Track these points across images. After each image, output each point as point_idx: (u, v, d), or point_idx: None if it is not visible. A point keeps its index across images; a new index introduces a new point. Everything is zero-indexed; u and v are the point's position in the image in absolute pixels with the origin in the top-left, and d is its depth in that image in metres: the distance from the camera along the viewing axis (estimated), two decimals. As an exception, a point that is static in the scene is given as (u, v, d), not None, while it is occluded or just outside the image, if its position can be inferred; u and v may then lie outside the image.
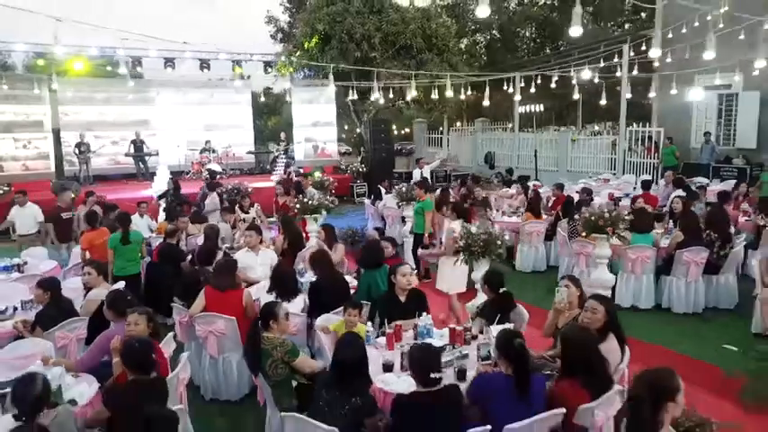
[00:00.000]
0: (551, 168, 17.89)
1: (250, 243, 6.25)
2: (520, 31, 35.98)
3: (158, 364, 3.36)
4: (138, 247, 6.74)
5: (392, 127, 19.19)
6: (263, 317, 3.74)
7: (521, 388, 2.88)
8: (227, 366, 4.69)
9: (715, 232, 6.49)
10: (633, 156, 15.75)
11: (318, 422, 2.81)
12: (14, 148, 14.92)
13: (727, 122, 14.84)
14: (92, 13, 18.13)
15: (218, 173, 14.20)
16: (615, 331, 3.50)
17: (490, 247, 4.85)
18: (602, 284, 5.86)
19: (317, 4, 18.01)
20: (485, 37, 36.12)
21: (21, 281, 6.30)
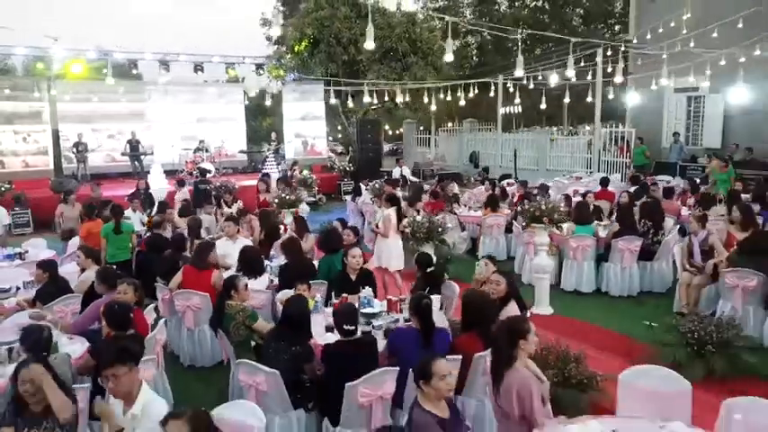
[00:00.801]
0: (532, 167, 18.60)
1: (229, 232, 6.95)
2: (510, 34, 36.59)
3: (138, 324, 4.07)
4: (129, 237, 7.44)
5: (380, 127, 19.83)
6: (227, 287, 4.45)
7: (425, 339, 3.59)
8: (201, 336, 5.40)
9: (649, 221, 7.20)
10: (607, 155, 16.48)
11: (263, 365, 3.52)
12: (14, 142, 15.57)
13: (695, 124, 15.57)
14: (90, 15, 18.77)
15: (208, 171, 14.86)
16: (516, 299, 4.21)
17: (432, 234, 5.56)
18: (542, 269, 6.57)
19: (307, 9, 18.73)
20: (476, 39, 36.87)
21: (22, 266, 7.01)
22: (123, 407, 2.84)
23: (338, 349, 3.53)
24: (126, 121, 17.84)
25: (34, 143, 15.86)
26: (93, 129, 17.34)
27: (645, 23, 15.97)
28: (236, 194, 9.95)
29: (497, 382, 3.03)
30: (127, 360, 2.88)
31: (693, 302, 6.12)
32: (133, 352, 3.06)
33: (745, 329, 5.42)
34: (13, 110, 15.65)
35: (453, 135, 24.91)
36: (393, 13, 19.49)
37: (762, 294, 5.42)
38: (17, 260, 7.48)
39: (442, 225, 5.75)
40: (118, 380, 2.78)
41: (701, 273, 6.19)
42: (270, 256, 6.42)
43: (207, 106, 19.50)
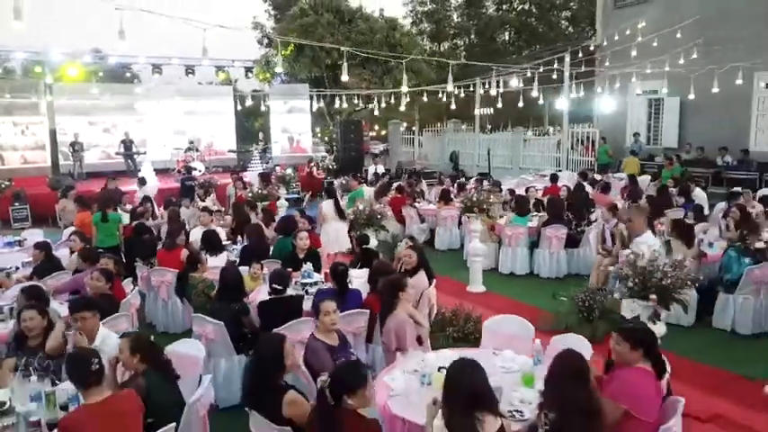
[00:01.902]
0: (506, 166, 19.55)
1: (203, 222, 7.93)
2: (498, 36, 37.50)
3: (115, 290, 5.03)
4: (116, 226, 8.41)
5: (362, 128, 20.77)
6: (191, 262, 5.42)
7: (340, 296, 4.55)
8: (174, 307, 6.35)
9: (572, 213, 8.17)
10: (575, 154, 17.45)
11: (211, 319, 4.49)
12: (13, 134, 16.50)
13: (655, 125, 16.54)
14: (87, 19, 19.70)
15: (194, 168, 15.83)
16: (425, 269, 5.18)
17: (372, 220, 6.53)
18: (476, 253, 7.53)
19: (292, 15, 19.70)
20: (464, 41, 37.84)
21: (21, 251, 8.03)
22: (87, 342, 3.78)
23: (269, 304, 4.49)
24: (120, 115, 18.71)
25: (32, 135, 16.74)
26: (90, 122, 18.28)
27: (611, 28, 16.93)
28: (207, 189, 10.97)
29: (382, 324, 3.99)
30: (91, 308, 3.85)
31: (603, 281, 7.07)
32: (98, 303, 4.03)
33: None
34: (12, 103, 16.59)
35: (437, 135, 25.86)
36: (376, 19, 20.44)
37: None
38: (17, 247, 8.46)
39: (381, 213, 6.68)
40: (84, 321, 3.75)
41: (610, 255, 7.15)
42: (237, 241, 7.37)
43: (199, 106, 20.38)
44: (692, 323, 6.13)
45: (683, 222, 6.54)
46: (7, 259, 7.40)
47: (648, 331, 3.11)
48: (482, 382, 2.59)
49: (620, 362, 2.98)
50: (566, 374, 2.68)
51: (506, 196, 9.96)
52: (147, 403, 3.02)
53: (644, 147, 16.09)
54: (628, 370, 2.91)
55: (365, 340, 4.63)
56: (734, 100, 14.14)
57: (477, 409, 2.52)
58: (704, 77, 13.45)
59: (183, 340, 4.19)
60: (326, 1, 19.75)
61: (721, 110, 14.50)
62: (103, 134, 18.87)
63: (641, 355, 2.91)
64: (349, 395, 2.60)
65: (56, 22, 34.68)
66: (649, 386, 2.85)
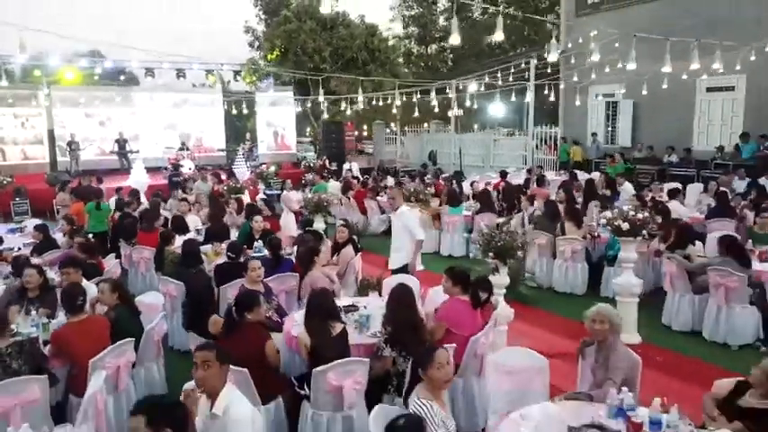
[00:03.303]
0: (479, 164, 20.77)
1: (181, 210, 9.14)
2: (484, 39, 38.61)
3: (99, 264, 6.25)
4: (107, 214, 9.64)
5: (343, 128, 21.97)
6: (165, 239, 6.63)
7: (275, 263, 5.75)
8: (151, 279, 7.54)
9: (505, 203, 9.39)
10: (539, 153, 18.68)
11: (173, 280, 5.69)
12: (14, 127, 17.69)
13: (612, 125, 17.75)
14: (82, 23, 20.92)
15: (180, 166, 17.08)
16: (352, 244, 6.38)
17: (319, 207, 7.75)
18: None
19: (278, 22, 20.92)
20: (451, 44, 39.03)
21: (22, 236, 9.26)
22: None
23: (223, 266, 5.71)
24: (115, 107, 20.00)
25: (32, 129, 17.90)
26: (87, 114, 19.49)
27: (573, 35, 18.12)
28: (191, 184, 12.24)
29: (301, 280, 5.21)
30: (75, 266, 5.07)
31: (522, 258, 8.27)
32: (79, 263, 5.25)
33: (539, 274, 7.64)
34: (13, 94, 17.87)
35: (417, 135, 27.08)
36: (357, 25, 21.65)
37: (548, 250, 7.59)
38: (18, 233, 9.71)
39: (327, 201, 7.90)
40: (69, 276, 4.95)
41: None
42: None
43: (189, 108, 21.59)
44: (584, 292, 7.36)
45: (574, 208, 7.76)
46: (10, 242, 8.64)
47: (465, 273, 4.32)
48: (332, 303, 3.84)
49: (447, 294, 4.21)
50: (397, 300, 3.90)
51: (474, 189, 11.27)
52: (116, 328, 4.23)
53: (601, 146, 17.30)
54: (450, 300, 4.14)
55: (297, 298, 5.83)
56: (680, 103, 15.38)
57: (330, 319, 3.76)
58: (654, 82, 14.60)
59: (148, 293, 5.41)
60: (310, 9, 20.96)
61: (669, 112, 15.74)
62: (99, 127, 20.03)
63: (460, 289, 4.13)
64: (248, 312, 3.82)
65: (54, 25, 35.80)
66: (464, 311, 4.07)
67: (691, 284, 5.94)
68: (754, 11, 13.48)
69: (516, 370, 3.57)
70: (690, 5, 14.89)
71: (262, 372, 3.77)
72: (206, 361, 2.82)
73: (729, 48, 12.17)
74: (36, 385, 3.54)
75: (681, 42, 14.59)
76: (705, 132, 15.27)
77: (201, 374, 2.80)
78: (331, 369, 3.54)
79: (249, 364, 3.65)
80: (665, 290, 6.28)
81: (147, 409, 2.43)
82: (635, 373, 3.43)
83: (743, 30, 13.00)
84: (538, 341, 5.39)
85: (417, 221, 6.12)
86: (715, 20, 14.03)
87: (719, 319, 5.62)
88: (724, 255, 5.65)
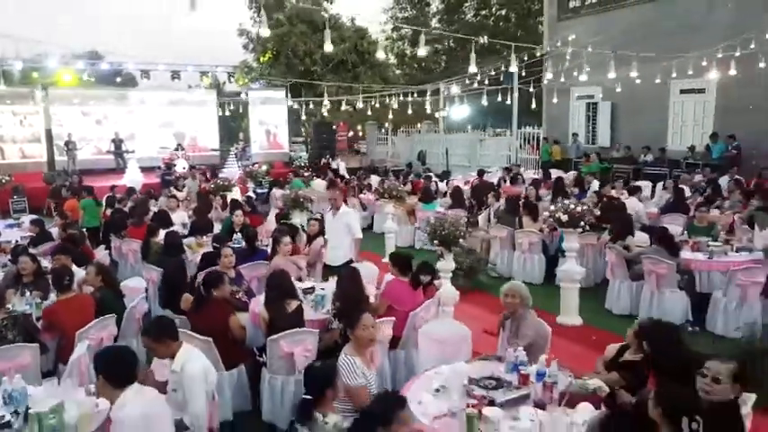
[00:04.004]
0: (465, 164, 21.34)
1: (170, 206, 9.71)
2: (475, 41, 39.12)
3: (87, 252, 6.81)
4: (100, 210, 10.23)
5: (333, 129, 22.55)
6: (150, 232, 7.19)
7: (250, 252, 6.31)
8: (139, 269, 8.09)
9: (474, 199, 9.96)
10: (523, 152, 19.26)
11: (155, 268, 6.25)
12: (12, 125, 18.27)
13: (592, 126, 18.33)
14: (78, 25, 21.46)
15: (174, 166, 17.63)
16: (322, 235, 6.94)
17: (297, 203, 8.31)
18: (388, 230, 9.31)
19: (270, 25, 21.47)
20: (443, 46, 39.58)
21: (19, 231, 9.83)
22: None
23: (208, 255, 6.26)
24: (111, 106, 20.59)
25: (29, 127, 18.47)
26: (84, 112, 20.07)
27: (555, 38, 18.68)
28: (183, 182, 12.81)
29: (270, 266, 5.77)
30: (64, 253, 5.63)
31: (486, 250, 8.84)
32: (69, 250, 5.81)
33: (500, 265, 8.21)
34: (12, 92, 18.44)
35: (408, 136, 27.66)
36: (347, 28, 22.22)
37: (509, 241, 8.15)
38: (16, 227, 10.27)
39: (305, 198, 8.48)
40: (60, 261, 5.51)
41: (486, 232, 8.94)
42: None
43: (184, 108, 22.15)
44: (541, 281, 7.91)
45: (531, 203, 8.33)
46: (8, 235, 9.20)
47: (403, 258, 4.89)
48: (290, 283, 4.40)
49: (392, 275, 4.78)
50: (346, 281, 4.47)
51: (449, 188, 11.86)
52: (101, 306, 4.79)
53: (582, 146, 17.86)
54: (392, 280, 4.71)
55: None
56: (655, 105, 15.95)
57: (286, 297, 4.32)
58: (631, 84, 15.16)
59: (133, 278, 5.98)
60: (301, 12, 21.54)
61: (646, 113, 16.32)
62: (96, 126, 20.57)
63: (399, 271, 4.71)
64: (214, 289, 4.38)
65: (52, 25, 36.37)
66: (404, 290, 4.65)
67: (629, 272, 6.51)
68: (724, 17, 14.03)
69: (443, 339, 4.13)
70: (664, 12, 15.50)
71: (226, 342, 4.35)
72: (147, 345, 3.49)
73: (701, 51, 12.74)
74: (28, 352, 4.10)
75: (655, 46, 15.21)
76: (679, 133, 15.84)
77: (153, 348, 3.44)
78: (283, 338, 4.10)
79: (215, 334, 4.23)
80: (608, 277, 6.85)
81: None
82: (543, 341, 3.99)
83: (713, 35, 13.55)
84: (486, 322, 5.94)
85: (358, 221, 6.52)
86: (687, 25, 14.63)
87: (652, 302, 6.18)
88: (656, 245, 6.21)
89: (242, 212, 7.96)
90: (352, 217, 6.31)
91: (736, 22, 13.42)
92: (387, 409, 2.52)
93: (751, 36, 12.19)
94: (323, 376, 2.89)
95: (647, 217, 9.05)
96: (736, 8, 13.96)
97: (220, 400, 4.30)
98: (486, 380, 3.35)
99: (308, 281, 5.79)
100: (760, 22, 12.43)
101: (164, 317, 3.76)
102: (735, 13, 13.91)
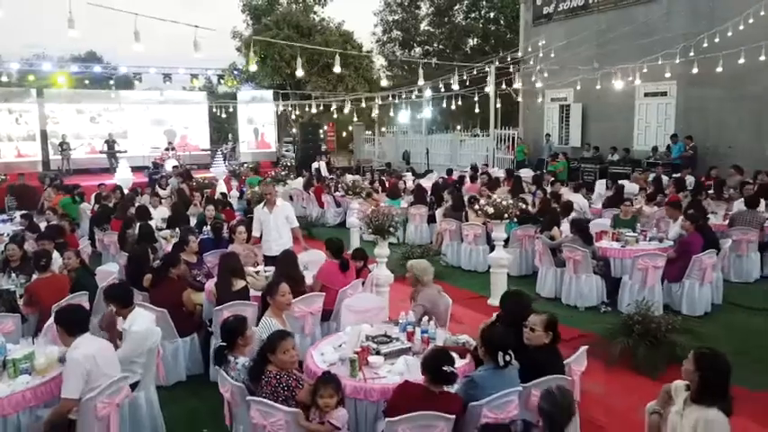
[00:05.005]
0: (446, 164, 22.08)
1: (153, 203, 10.48)
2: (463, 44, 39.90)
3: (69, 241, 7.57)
4: (77, 207, 11.04)
5: (318, 129, 23.34)
6: (126, 224, 7.96)
7: (217, 242, 7.08)
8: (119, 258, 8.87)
9: (433, 196, 10.73)
10: (499, 152, 20.03)
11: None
12: (8, 123, 19.03)
13: (565, 127, 19.10)
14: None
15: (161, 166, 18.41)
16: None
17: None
18: (351, 225, 10.07)
19: (258, 29, 22.25)
20: (433, 48, 40.34)
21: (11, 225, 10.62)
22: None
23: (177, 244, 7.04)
24: (105, 105, 21.40)
25: (25, 125, 19.22)
26: (78, 110, 20.86)
27: (530, 42, 19.46)
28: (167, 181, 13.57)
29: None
30: (47, 238, 6.39)
31: (439, 243, 9.60)
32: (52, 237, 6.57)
33: (450, 255, 8.98)
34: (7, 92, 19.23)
35: (394, 136, 28.46)
36: (333, 32, 22.98)
37: (457, 234, 8.92)
38: (9, 222, 11.05)
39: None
40: (44, 247, 6.27)
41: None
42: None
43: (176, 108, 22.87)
44: (485, 270, 8.63)
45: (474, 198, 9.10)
46: (1, 229, 10.00)
47: (334, 243, 5.63)
48: (237, 264, 5.17)
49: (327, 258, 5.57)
50: (283, 261, 5.24)
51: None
52: (76, 284, 5.55)
53: (554, 146, 18.62)
54: (325, 262, 5.48)
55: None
56: (622, 107, 16.73)
57: (233, 276, 5.09)
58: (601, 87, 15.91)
59: (108, 264, 6.75)
60: (288, 17, 22.31)
61: (613, 115, 17.10)
62: (90, 124, 21.33)
63: (331, 255, 5.47)
64: (172, 267, 5.15)
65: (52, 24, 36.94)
66: (334, 271, 5.42)
67: (554, 259, 7.27)
68: (681, 23, 14.80)
69: (362, 309, 4.89)
70: (627, 18, 16.31)
71: (180, 313, 5.13)
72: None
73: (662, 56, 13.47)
74: (11, 320, 4.87)
75: (621, 51, 15.98)
76: (644, 134, 16.60)
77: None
78: (226, 308, 4.87)
79: (170, 306, 5.00)
80: (536, 265, 7.62)
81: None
82: (439, 310, 4.75)
83: (672, 40, 14.28)
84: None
85: (293, 212, 7.12)
86: (648, 31, 15.40)
87: (572, 286, 6.95)
88: (573, 234, 6.97)
89: (213, 208, 8.73)
90: (288, 209, 7.00)
91: (692, 28, 14.16)
92: (273, 339, 3.31)
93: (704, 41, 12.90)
94: (234, 328, 3.65)
95: (590, 212, 9.82)
96: (691, 14, 14.73)
97: (174, 363, 5.11)
98: (380, 337, 4.11)
99: (262, 266, 6.55)
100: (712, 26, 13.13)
101: (120, 285, 4.52)
102: (690, 19, 14.68)
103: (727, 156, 13.69)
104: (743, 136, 13.97)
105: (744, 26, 11.79)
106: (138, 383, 4.02)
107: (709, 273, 6.44)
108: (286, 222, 6.84)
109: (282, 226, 6.80)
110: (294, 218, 6.99)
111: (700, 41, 12.87)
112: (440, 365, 3.05)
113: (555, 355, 3.46)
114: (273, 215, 6.78)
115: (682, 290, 6.54)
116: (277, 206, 6.83)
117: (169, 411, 4.41)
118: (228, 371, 3.51)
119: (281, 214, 6.80)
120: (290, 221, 6.87)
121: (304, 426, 3.10)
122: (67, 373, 3.33)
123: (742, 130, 13.99)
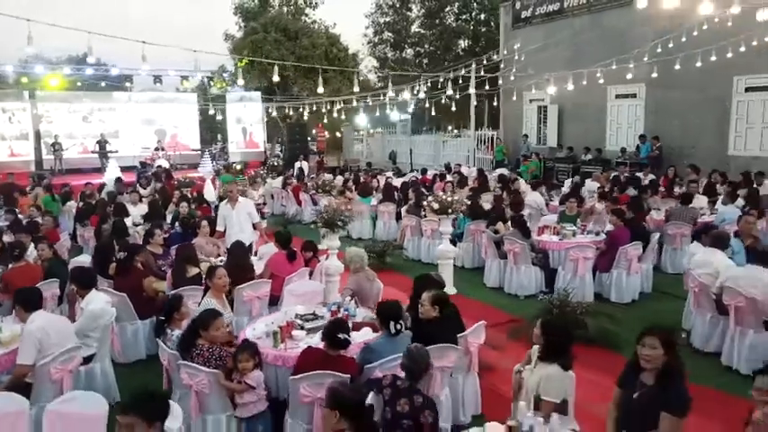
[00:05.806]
0: (430, 163, 22.63)
1: (132, 200, 11.04)
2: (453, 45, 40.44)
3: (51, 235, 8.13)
4: (57, 205, 11.57)
5: (305, 130, 23.89)
6: (101, 219, 8.51)
7: (183, 237, 7.63)
8: (100, 253, 9.44)
9: (401, 194, 11.28)
10: (479, 152, 20.59)
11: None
12: (1, 122, 19.60)
13: (544, 128, 19.65)
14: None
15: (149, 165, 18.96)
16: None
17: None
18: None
19: (245, 32, 22.82)
20: (424, 49, 40.90)
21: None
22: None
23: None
24: (97, 105, 21.98)
25: (18, 123, 19.79)
26: (70, 111, 21.45)
27: (509, 44, 20.00)
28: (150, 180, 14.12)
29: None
30: (27, 233, 6.94)
31: (402, 238, 10.14)
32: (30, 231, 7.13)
33: (411, 250, 9.54)
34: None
35: (382, 136, 29.04)
36: (320, 35, 23.55)
37: (417, 229, 9.47)
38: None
39: (244, 189, 9.83)
40: (19, 237, 6.82)
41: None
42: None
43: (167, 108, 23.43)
44: (445, 263, 9.22)
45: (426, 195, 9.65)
46: (-7, 225, 10.58)
47: (284, 235, 6.20)
48: (192, 253, 5.73)
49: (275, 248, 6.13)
50: (233, 252, 5.80)
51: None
52: (48, 272, 6.10)
53: (531, 147, 19.18)
54: (275, 253, 6.04)
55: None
56: (595, 108, 17.28)
57: (187, 263, 5.65)
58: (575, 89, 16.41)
59: (81, 255, 7.31)
60: (276, 20, 22.87)
61: (587, 116, 17.67)
62: (83, 123, 21.87)
63: (280, 245, 6.03)
64: (137, 255, 5.71)
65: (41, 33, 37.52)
66: (281, 260, 5.98)
67: (498, 252, 7.82)
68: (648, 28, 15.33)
69: (301, 293, 5.45)
70: (598, 22, 16.86)
71: (141, 298, 5.68)
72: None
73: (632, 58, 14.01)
74: (-14, 304, 5.44)
75: (594, 53, 16.53)
76: (615, 134, 17.15)
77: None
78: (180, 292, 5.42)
79: (132, 291, 5.57)
80: (483, 257, 8.17)
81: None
82: (368, 293, 5.30)
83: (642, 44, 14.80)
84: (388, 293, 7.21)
85: (254, 207, 7.68)
86: (617, 35, 15.94)
87: (512, 276, 7.51)
88: (513, 228, 7.53)
89: (186, 205, 9.30)
90: (250, 205, 7.58)
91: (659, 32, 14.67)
92: (206, 317, 3.86)
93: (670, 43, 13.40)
94: (171, 305, 4.21)
95: (547, 209, 10.38)
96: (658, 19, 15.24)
97: (135, 341, 5.67)
98: (307, 315, 4.67)
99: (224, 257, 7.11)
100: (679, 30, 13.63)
101: (82, 269, 5.07)
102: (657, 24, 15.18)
103: (690, 156, 14.24)
104: (706, 137, 14.52)
105: (707, 27, 12.19)
106: (94, 356, 4.58)
107: (635, 263, 6.99)
108: (248, 218, 7.38)
109: (245, 221, 7.34)
110: (256, 213, 7.55)
111: (665, 44, 13.42)
112: (336, 333, 3.61)
113: (446, 327, 4.01)
114: (236, 211, 7.32)
115: (611, 279, 7.09)
116: (239, 203, 7.37)
117: (126, 383, 4.96)
118: (166, 341, 4.07)
119: (243, 210, 7.35)
120: (252, 217, 7.43)
121: (224, 384, 3.66)
122: (22, 343, 3.89)
123: (705, 131, 14.53)
